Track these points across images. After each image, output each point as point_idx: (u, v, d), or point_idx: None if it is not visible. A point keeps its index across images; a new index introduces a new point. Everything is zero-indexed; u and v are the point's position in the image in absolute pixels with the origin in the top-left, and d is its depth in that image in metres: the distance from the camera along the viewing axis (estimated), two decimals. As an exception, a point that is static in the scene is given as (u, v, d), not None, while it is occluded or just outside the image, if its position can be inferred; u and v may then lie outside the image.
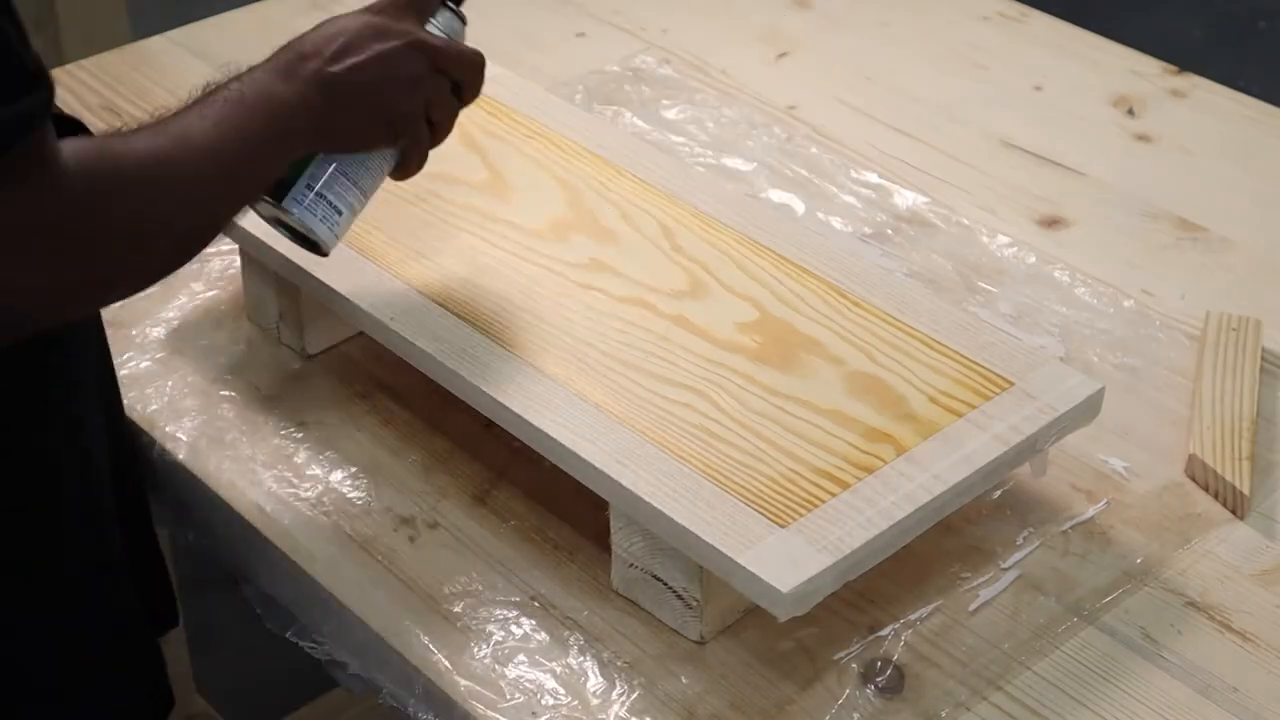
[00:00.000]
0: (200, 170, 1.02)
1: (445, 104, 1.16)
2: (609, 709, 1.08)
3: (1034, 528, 1.20)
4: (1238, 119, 1.66)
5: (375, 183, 1.18)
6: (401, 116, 1.14)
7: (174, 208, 1.00)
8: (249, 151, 1.06)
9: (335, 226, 1.16)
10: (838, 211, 1.50)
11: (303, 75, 1.09)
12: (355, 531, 1.19)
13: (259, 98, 1.07)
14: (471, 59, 1.17)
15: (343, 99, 1.10)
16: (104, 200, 0.95)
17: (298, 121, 1.09)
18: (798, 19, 1.80)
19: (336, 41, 1.11)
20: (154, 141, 1.00)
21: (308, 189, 1.14)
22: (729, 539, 1.05)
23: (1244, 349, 1.34)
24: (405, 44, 1.13)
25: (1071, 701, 1.09)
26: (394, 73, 1.12)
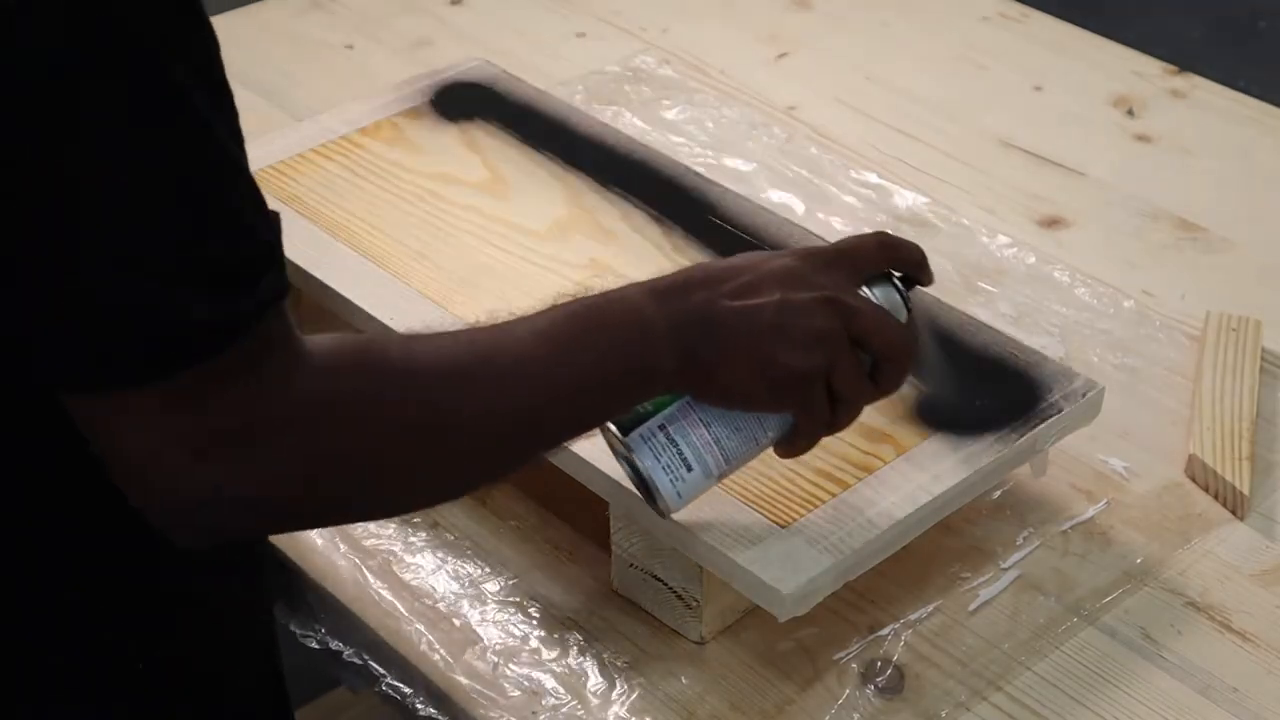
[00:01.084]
0: (500, 392, 0.87)
1: (854, 378, 0.97)
2: (609, 709, 1.08)
3: (1034, 528, 1.20)
4: (1238, 119, 1.66)
5: (746, 452, 1.01)
6: (791, 377, 0.95)
7: (449, 426, 0.85)
8: (580, 375, 0.90)
9: (679, 483, 0.99)
10: (838, 212, 1.50)
11: (683, 303, 0.93)
12: (355, 531, 1.19)
13: (617, 316, 0.92)
14: (899, 337, 0.98)
15: (723, 340, 0.93)
16: (360, 398, 0.82)
17: (658, 355, 0.92)
18: (798, 19, 1.80)
19: (741, 276, 0.95)
20: (445, 346, 0.86)
21: (659, 430, 0.98)
22: (729, 539, 1.05)
23: (1244, 349, 1.34)
24: (820, 297, 0.96)
25: (1071, 701, 1.09)
26: (794, 324, 0.94)
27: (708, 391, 0.96)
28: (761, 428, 1.00)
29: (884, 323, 0.97)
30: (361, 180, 1.35)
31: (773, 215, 1.33)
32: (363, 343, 0.85)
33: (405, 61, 1.68)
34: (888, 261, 1.01)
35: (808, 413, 0.98)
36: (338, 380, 0.82)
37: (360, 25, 1.77)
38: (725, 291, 0.94)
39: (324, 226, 1.30)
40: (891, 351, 0.98)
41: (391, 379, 0.84)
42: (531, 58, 1.70)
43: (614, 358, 0.91)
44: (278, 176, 1.35)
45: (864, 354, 0.98)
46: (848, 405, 0.99)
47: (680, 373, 0.93)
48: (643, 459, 0.99)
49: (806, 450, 1.02)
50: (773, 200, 1.50)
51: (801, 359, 0.95)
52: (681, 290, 0.94)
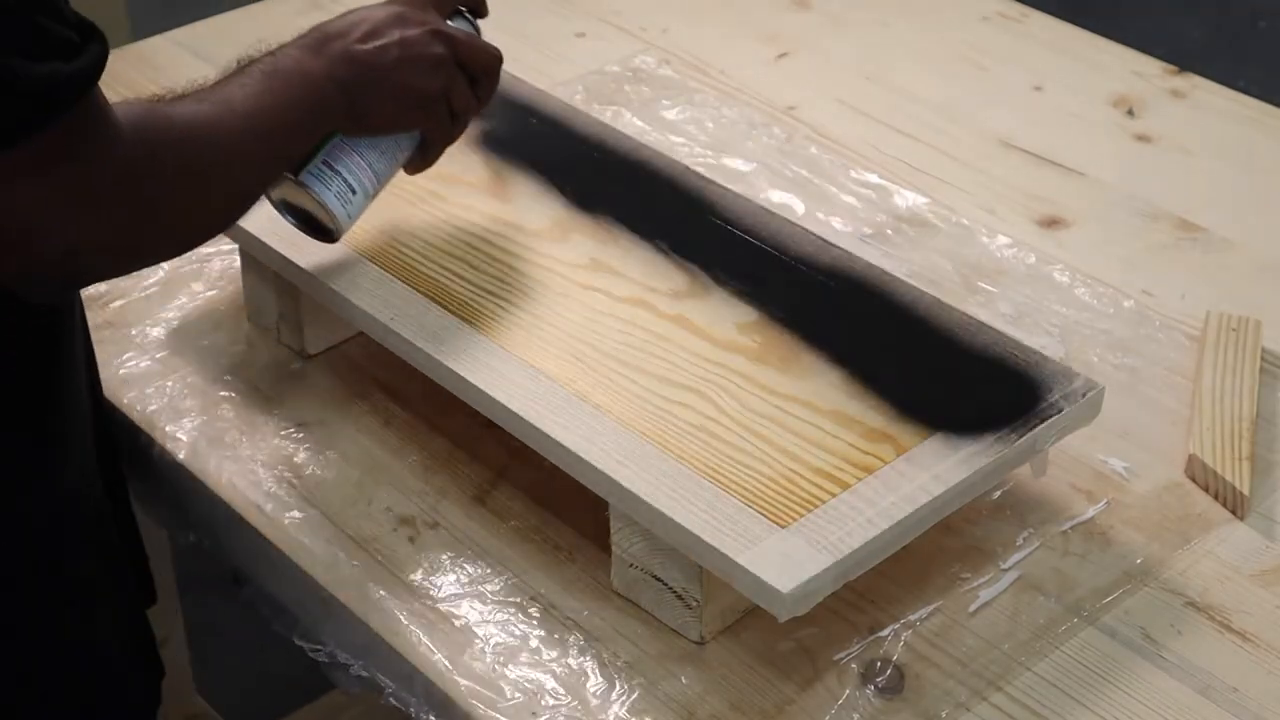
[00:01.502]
0: (243, 134, 1.06)
1: (465, 95, 1.20)
2: (609, 709, 1.08)
3: (1034, 528, 1.20)
4: (1238, 119, 1.66)
5: (390, 169, 1.20)
6: (424, 98, 1.18)
7: (221, 167, 1.04)
8: (286, 121, 1.10)
9: (349, 205, 1.18)
10: (838, 212, 1.50)
11: (331, 52, 1.13)
12: (355, 531, 1.19)
13: (293, 71, 1.11)
14: (490, 52, 1.22)
15: (369, 76, 1.14)
16: (160, 157, 0.98)
17: (328, 95, 1.13)
18: (798, 19, 1.80)
19: (362, 25, 1.16)
20: (198, 107, 1.04)
21: (324, 165, 1.16)
22: (729, 539, 1.05)
23: (1244, 349, 1.34)
24: (428, 31, 1.18)
25: (1071, 702, 1.09)
26: (418, 53, 1.16)
27: (361, 123, 1.17)
28: (398, 147, 1.20)
29: (479, 44, 1.21)
30: (361, 180, 1.35)
31: (773, 215, 1.33)
32: (149, 108, 1.00)
33: (405, 61, 1.68)
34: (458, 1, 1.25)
35: (438, 126, 1.20)
36: (144, 139, 0.98)
37: (360, 25, 1.76)
38: (356, 38, 1.15)
39: (324, 226, 1.30)
40: (488, 65, 1.21)
41: (177, 134, 1.01)
42: (531, 58, 1.70)
43: (304, 103, 1.12)
44: (278, 176, 1.35)
45: (465, 73, 1.19)
46: (462, 119, 1.21)
47: (343, 110, 1.14)
48: (317, 191, 1.16)
49: (435, 160, 1.23)
50: (773, 200, 1.50)
51: (429, 82, 1.17)
52: (325, 44, 1.14)
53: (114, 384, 1.31)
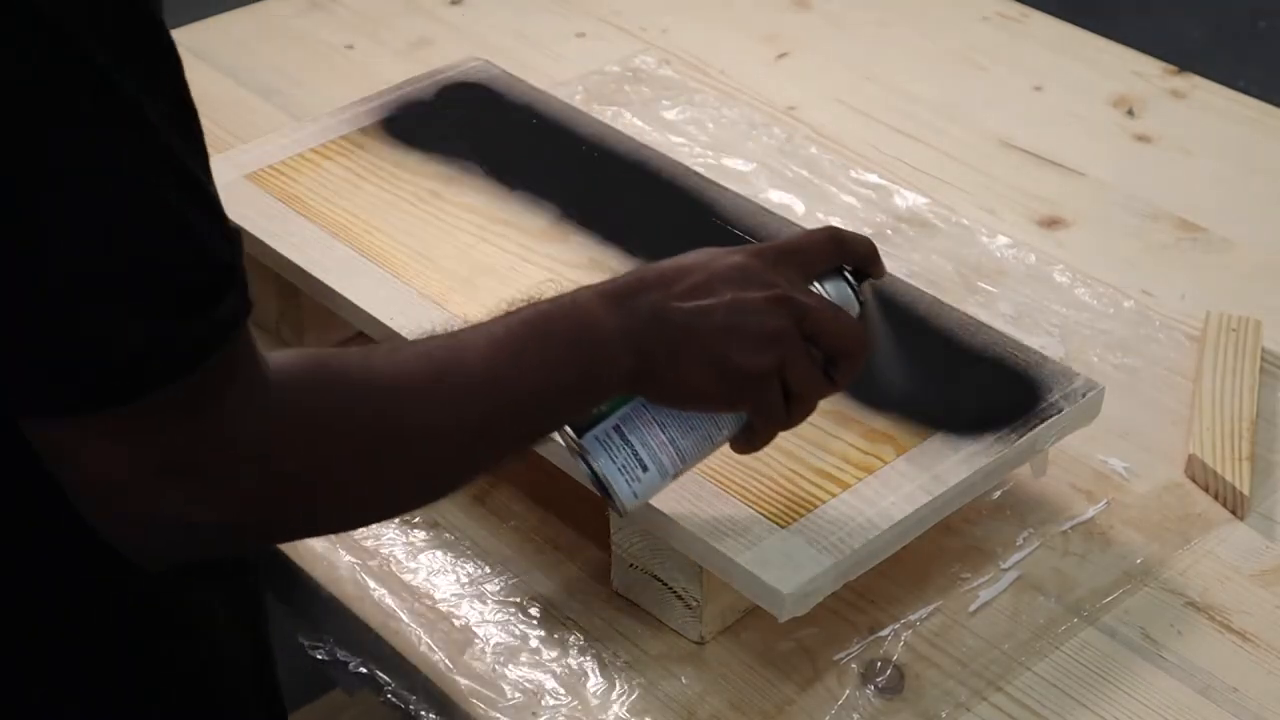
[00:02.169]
0: (460, 403, 0.87)
1: (808, 376, 0.98)
2: (609, 709, 1.08)
3: (1034, 528, 1.20)
4: (1238, 119, 1.66)
5: (701, 451, 1.01)
6: (744, 377, 0.96)
7: (411, 443, 0.85)
8: (537, 383, 0.90)
9: (635, 484, 1.00)
10: (838, 212, 1.50)
11: (638, 306, 0.93)
12: (355, 531, 1.19)
13: (570, 321, 0.92)
14: (852, 333, 0.99)
15: (675, 342, 0.94)
16: (325, 421, 0.82)
17: (614, 359, 0.93)
18: (798, 19, 1.80)
19: (691, 276, 0.96)
20: (400, 360, 0.86)
21: (614, 431, 0.99)
22: (729, 539, 1.05)
23: (1244, 349, 1.34)
24: (772, 296, 0.96)
25: (1071, 702, 1.09)
26: (749, 322, 0.95)
27: (661, 393, 0.97)
28: (716, 426, 1.00)
29: (836, 318, 0.98)
30: (361, 180, 1.35)
31: (773, 215, 1.33)
32: (321, 359, 0.85)
33: (405, 61, 1.68)
34: (838, 256, 1.01)
35: (762, 411, 0.98)
36: (297, 401, 0.82)
37: (360, 25, 1.77)
38: (676, 293, 0.95)
39: (324, 226, 1.30)
40: (844, 347, 0.98)
41: (350, 395, 0.84)
42: (531, 58, 1.70)
43: (568, 365, 0.92)
44: (278, 176, 1.35)
45: (817, 350, 0.98)
46: (802, 402, 0.99)
47: (633, 375, 0.94)
48: (598, 460, 0.99)
49: (763, 446, 1.02)
50: (773, 200, 1.50)
51: (754, 358, 0.95)
52: (632, 293, 0.94)
53: (114, 384, 1.31)
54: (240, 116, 1.61)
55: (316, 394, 0.83)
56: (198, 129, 0.80)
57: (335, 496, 0.85)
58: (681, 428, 0.99)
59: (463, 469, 0.91)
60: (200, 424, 0.78)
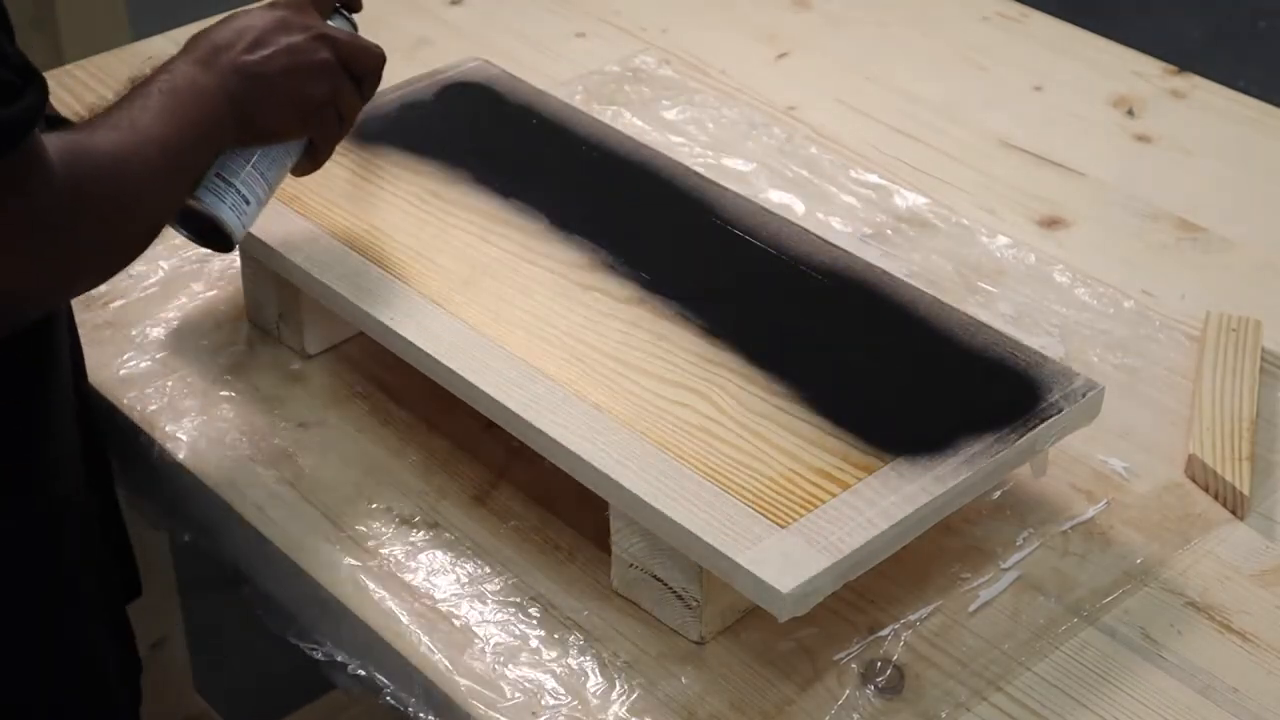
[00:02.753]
0: (156, 160, 1.05)
1: (351, 97, 1.20)
2: (609, 709, 1.08)
3: (1034, 528, 1.20)
4: (1238, 119, 1.66)
5: (281, 174, 1.21)
6: (313, 104, 1.17)
7: (142, 196, 1.04)
8: (190, 140, 1.09)
9: (244, 216, 1.18)
10: (838, 212, 1.50)
11: (221, 66, 1.13)
12: (355, 531, 1.19)
13: (189, 89, 1.10)
14: (373, 52, 1.21)
15: (259, 87, 1.14)
16: (87, 191, 0.99)
17: (223, 110, 1.12)
18: (798, 19, 1.80)
19: (248, 34, 1.15)
20: (114, 136, 1.03)
21: (218, 179, 1.16)
22: (729, 539, 1.05)
23: (1244, 349, 1.34)
24: (311, 36, 1.18)
25: (1071, 702, 1.09)
26: (304, 61, 1.16)
27: (253, 135, 1.16)
28: (287, 153, 1.20)
29: (361, 44, 1.21)
30: (361, 181, 1.35)
31: (773, 215, 1.33)
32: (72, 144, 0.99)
33: (405, 61, 1.68)
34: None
35: (326, 133, 1.20)
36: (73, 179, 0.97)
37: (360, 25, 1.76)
38: (242, 49, 1.14)
39: (324, 226, 1.30)
40: (371, 64, 1.21)
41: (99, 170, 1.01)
42: (531, 58, 1.71)
43: (206, 125, 1.11)
44: (278, 176, 1.35)
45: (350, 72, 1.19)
46: (348, 120, 1.21)
47: (237, 122, 1.13)
48: (211, 206, 1.15)
49: (324, 162, 1.23)
50: (773, 200, 1.50)
51: (317, 88, 1.17)
52: (214, 57, 1.13)
53: (114, 384, 1.31)
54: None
55: (83, 168, 0.99)
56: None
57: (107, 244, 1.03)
58: (266, 161, 1.18)
59: (166, 210, 1.10)
60: (13, 203, 0.93)
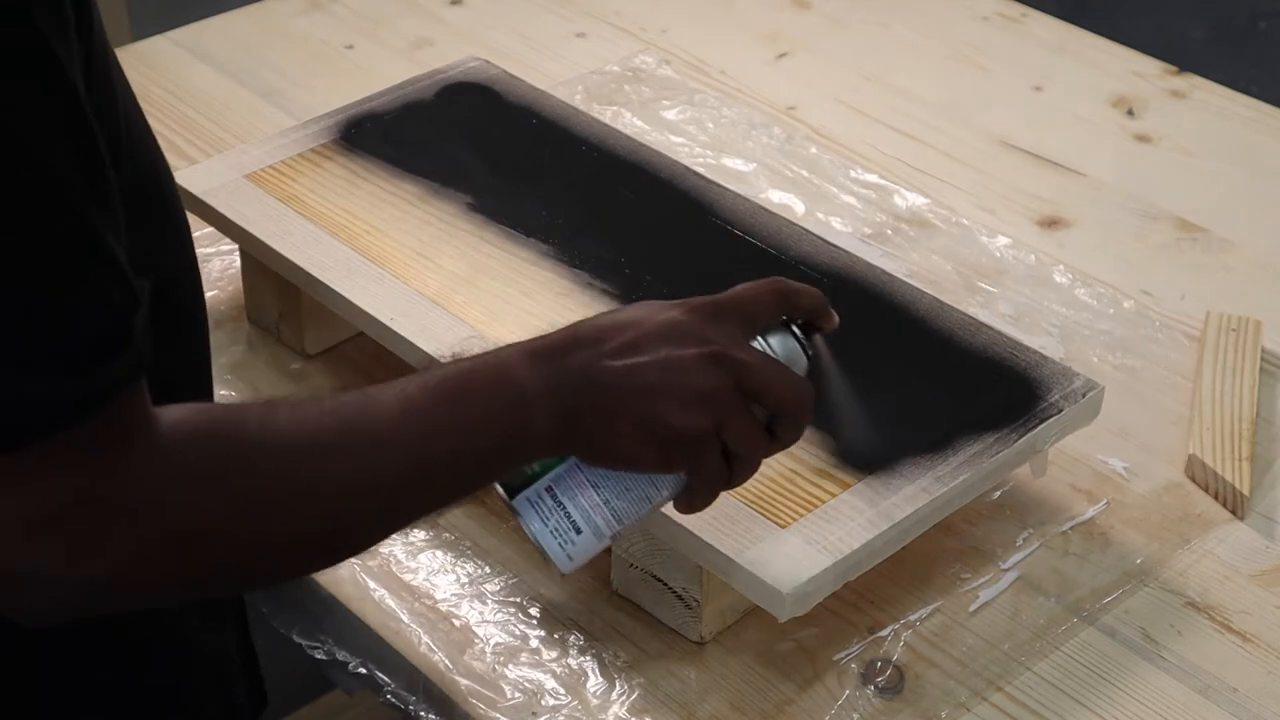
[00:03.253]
0: (367, 466, 0.83)
1: (748, 435, 0.94)
2: (609, 709, 1.08)
3: (1034, 528, 1.20)
4: (1238, 119, 1.66)
5: (638, 511, 0.97)
6: (678, 439, 0.92)
7: (311, 501, 0.82)
8: (449, 446, 0.86)
9: (569, 546, 0.97)
10: (837, 212, 1.50)
11: (568, 365, 0.90)
12: (355, 531, 1.19)
13: (490, 381, 0.88)
14: (793, 387, 0.94)
15: (604, 403, 0.90)
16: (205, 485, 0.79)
17: (533, 421, 0.89)
18: (798, 19, 1.80)
19: (623, 334, 0.92)
20: (307, 416, 0.83)
21: (546, 493, 0.96)
22: (729, 539, 1.05)
23: (1244, 349, 1.34)
24: (707, 353, 0.92)
25: (1071, 702, 1.09)
26: (681, 382, 0.91)
27: (592, 454, 0.93)
28: (654, 486, 0.96)
29: (777, 376, 0.94)
30: (361, 180, 1.35)
31: (773, 215, 1.33)
32: (218, 415, 0.82)
33: (405, 61, 1.68)
34: (783, 309, 0.97)
35: (700, 472, 0.94)
36: (185, 455, 0.79)
37: (360, 25, 1.77)
38: (607, 351, 0.91)
39: (324, 226, 1.30)
40: (787, 406, 0.94)
41: (247, 453, 0.81)
42: (531, 58, 1.70)
43: (484, 427, 0.88)
44: (278, 176, 1.35)
45: (760, 408, 0.94)
46: (744, 462, 0.95)
47: (560, 437, 0.91)
48: (529, 523, 0.96)
49: (706, 506, 0.98)
50: (773, 200, 1.50)
51: (687, 419, 0.91)
52: (560, 351, 0.91)
53: (114, 384, 1.31)
54: (240, 116, 1.61)
55: (208, 448, 0.80)
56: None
57: (227, 555, 0.81)
58: (616, 489, 0.96)
59: (368, 529, 0.88)
60: (79, 479, 0.76)
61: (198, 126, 1.60)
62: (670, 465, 0.94)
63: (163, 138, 1.57)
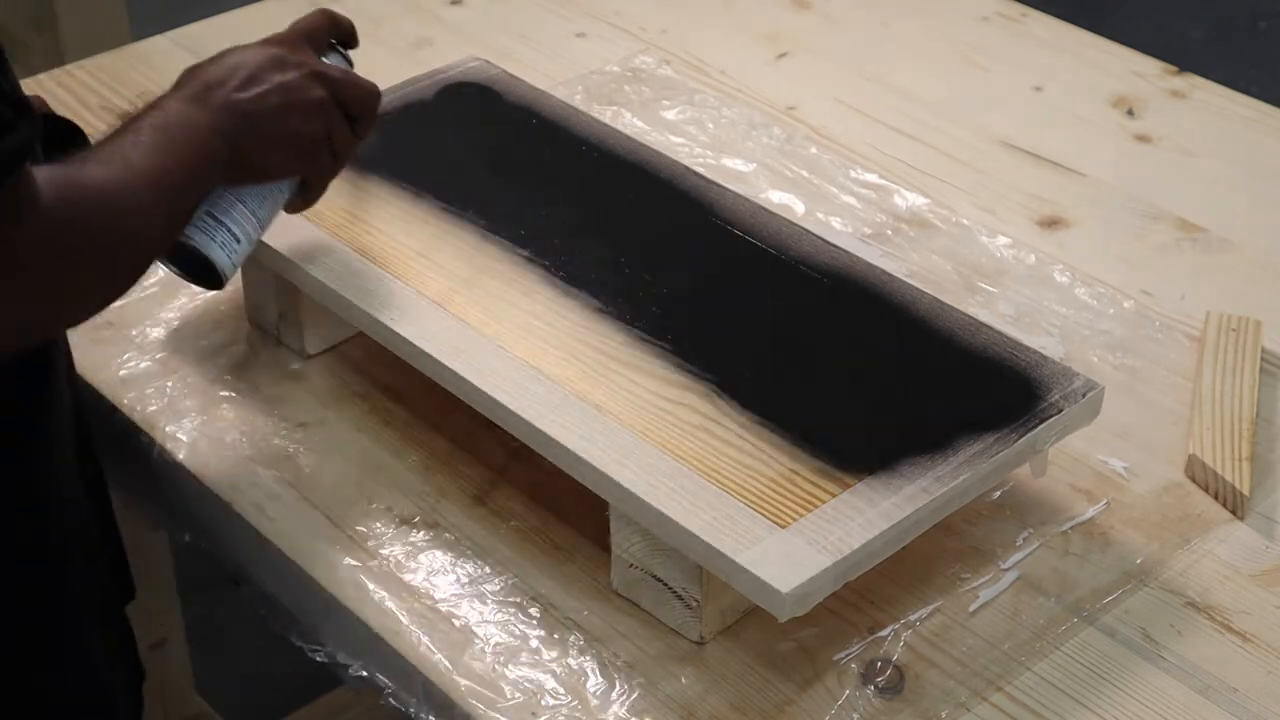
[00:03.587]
0: (147, 197, 1.04)
1: (345, 135, 1.19)
2: (609, 709, 1.08)
3: (1034, 528, 1.20)
4: (1238, 119, 1.66)
5: (272, 213, 1.19)
6: (307, 143, 1.17)
7: (130, 230, 1.03)
8: (181, 176, 1.08)
9: (233, 254, 1.16)
10: (837, 212, 1.50)
11: (214, 103, 1.11)
12: (355, 531, 1.19)
13: (181, 125, 1.09)
14: (368, 89, 1.20)
15: (252, 126, 1.13)
16: (78, 227, 0.98)
17: (215, 148, 1.11)
18: (798, 19, 1.80)
19: (241, 71, 1.14)
20: (105, 170, 1.02)
21: (209, 217, 1.15)
22: (729, 539, 1.05)
23: (1244, 349, 1.34)
24: (306, 73, 1.17)
25: (1071, 702, 1.09)
26: (298, 99, 1.15)
27: (246, 173, 1.14)
28: (279, 190, 1.18)
29: (355, 81, 1.20)
30: (361, 180, 1.35)
31: (773, 215, 1.33)
32: (63, 177, 0.97)
33: (405, 61, 1.68)
34: (333, 32, 1.24)
35: (320, 169, 1.19)
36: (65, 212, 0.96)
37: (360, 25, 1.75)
38: (236, 85, 1.13)
39: (324, 226, 1.30)
40: (366, 102, 1.20)
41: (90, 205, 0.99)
42: (531, 58, 1.71)
43: (197, 162, 1.09)
44: (278, 176, 1.35)
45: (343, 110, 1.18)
46: (342, 158, 1.20)
47: (229, 159, 1.11)
48: (200, 244, 1.14)
49: (317, 200, 1.21)
50: (773, 200, 1.50)
51: (311, 127, 1.16)
52: (207, 94, 1.11)
53: (114, 384, 1.31)
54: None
55: (74, 201, 0.97)
56: None
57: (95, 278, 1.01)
58: (258, 199, 1.16)
59: (154, 247, 1.08)
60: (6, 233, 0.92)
61: (198, 126, 1.59)
62: (301, 169, 1.18)
63: (163, 138, 1.58)
